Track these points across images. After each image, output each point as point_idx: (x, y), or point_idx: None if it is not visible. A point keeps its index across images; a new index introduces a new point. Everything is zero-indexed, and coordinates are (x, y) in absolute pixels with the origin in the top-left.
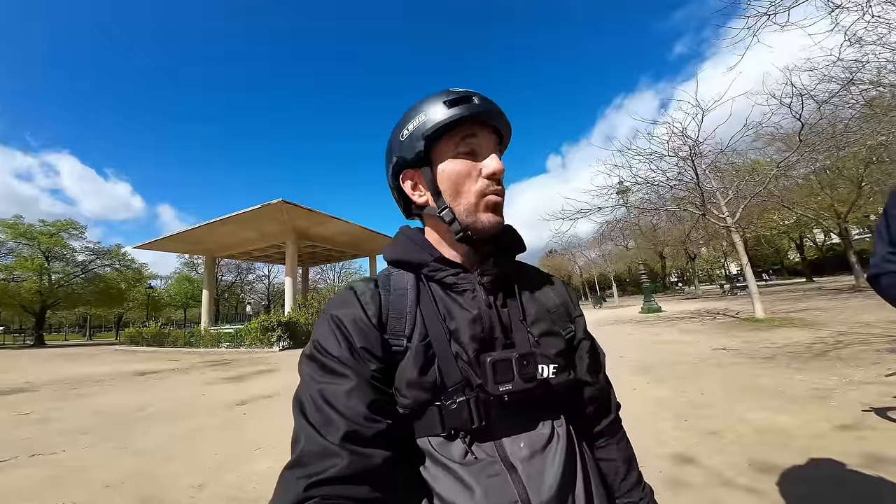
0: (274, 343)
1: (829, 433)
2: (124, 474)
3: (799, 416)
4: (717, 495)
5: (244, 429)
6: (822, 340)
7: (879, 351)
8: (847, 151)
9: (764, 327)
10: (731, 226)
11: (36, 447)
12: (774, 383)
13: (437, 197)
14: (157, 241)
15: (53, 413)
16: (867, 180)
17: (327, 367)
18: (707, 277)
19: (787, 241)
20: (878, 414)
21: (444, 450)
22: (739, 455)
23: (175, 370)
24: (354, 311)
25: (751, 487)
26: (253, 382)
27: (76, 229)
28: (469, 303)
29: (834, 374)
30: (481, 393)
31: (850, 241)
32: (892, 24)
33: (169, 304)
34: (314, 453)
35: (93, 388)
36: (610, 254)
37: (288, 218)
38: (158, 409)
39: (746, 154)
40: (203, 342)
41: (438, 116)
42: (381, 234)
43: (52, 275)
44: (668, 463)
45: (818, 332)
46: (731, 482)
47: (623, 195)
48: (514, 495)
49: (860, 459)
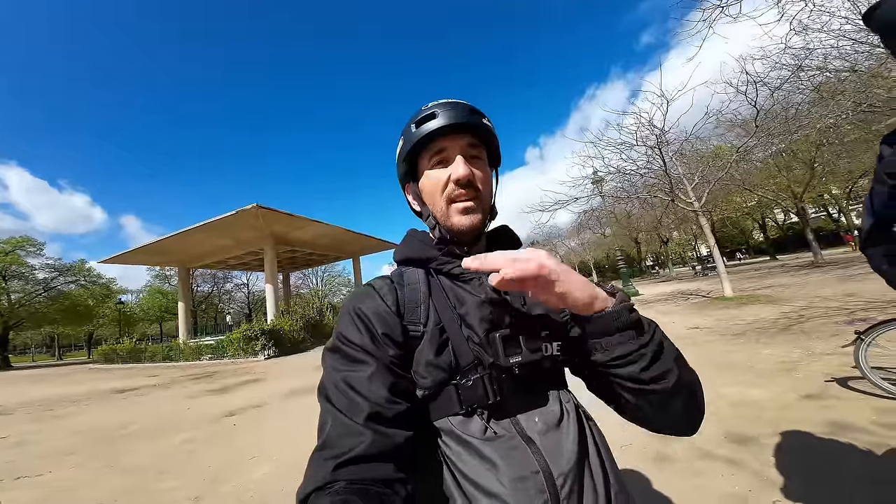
0: (259, 352)
1: (796, 404)
2: (116, 492)
3: (769, 388)
4: (699, 467)
5: (235, 439)
6: (785, 316)
7: (838, 323)
8: (800, 135)
9: (733, 305)
10: (697, 210)
11: (19, 470)
12: (745, 358)
13: (423, 206)
14: (124, 255)
15: (31, 435)
16: (819, 161)
17: (349, 356)
18: (680, 260)
19: (750, 222)
20: (840, 384)
21: (464, 427)
22: (717, 428)
23: (156, 386)
24: (375, 302)
25: (729, 458)
26: (239, 393)
27: (33, 246)
28: (476, 289)
29: (798, 347)
30: (493, 370)
31: (807, 219)
32: (833, 12)
33: (142, 318)
34: (341, 434)
35: (69, 409)
36: (588, 242)
37: (264, 223)
38: (142, 426)
39: (709, 141)
40: (183, 356)
41: (410, 138)
42: (363, 234)
43: (10, 294)
44: (651, 439)
45: (782, 308)
46: (710, 454)
47: (598, 185)
48: (536, 466)
49: (825, 427)
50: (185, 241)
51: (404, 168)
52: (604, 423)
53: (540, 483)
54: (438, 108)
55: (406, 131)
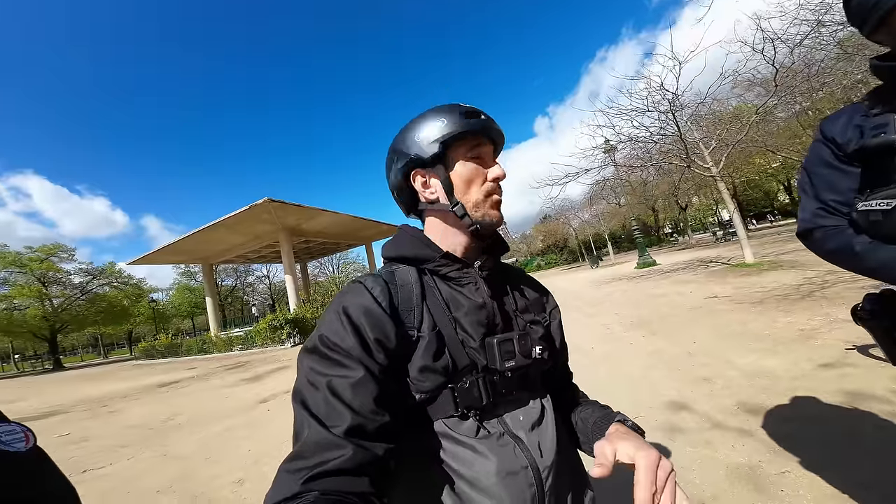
0: (285, 340)
1: (812, 373)
2: (170, 479)
3: (785, 357)
4: (710, 437)
5: (271, 424)
6: (809, 281)
7: (864, 288)
8: (824, 92)
9: (754, 272)
10: (715, 174)
11: (84, 464)
12: (762, 327)
13: (449, 194)
14: (150, 255)
15: (90, 431)
16: None
17: (334, 360)
18: (700, 226)
19: (775, 184)
20: (861, 352)
21: (459, 428)
22: (729, 399)
23: (194, 378)
24: (367, 303)
25: (740, 429)
26: (270, 380)
27: (65, 252)
28: (473, 294)
29: (819, 315)
30: (487, 374)
31: None
32: None
33: (175, 314)
34: (318, 445)
35: (120, 404)
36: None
37: (277, 216)
38: (188, 417)
39: (727, 102)
40: (216, 348)
41: (456, 124)
42: (373, 220)
43: (52, 300)
44: (663, 411)
45: (805, 273)
46: (721, 424)
47: (609, 154)
48: (525, 461)
49: (842, 397)
50: (204, 239)
51: (439, 150)
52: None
53: (529, 477)
54: (482, 112)
55: (449, 117)
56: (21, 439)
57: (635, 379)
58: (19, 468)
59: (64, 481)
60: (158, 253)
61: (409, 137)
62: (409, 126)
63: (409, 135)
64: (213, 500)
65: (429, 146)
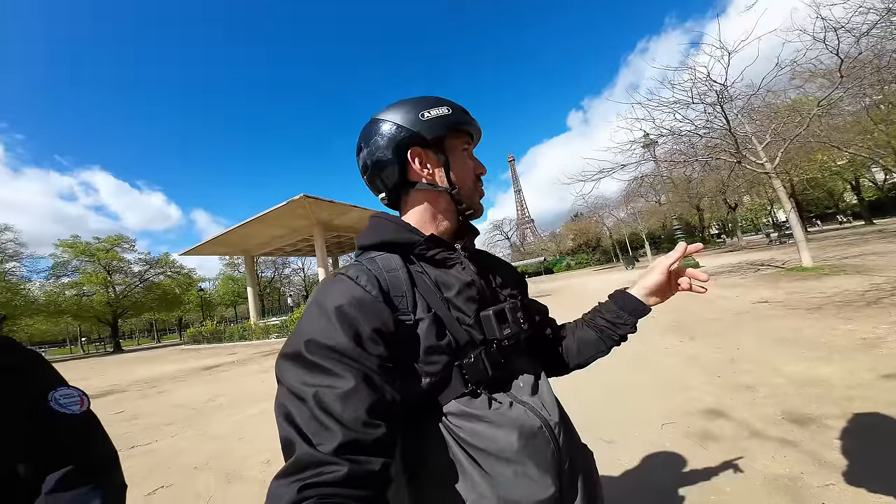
0: None
1: (874, 382)
2: (207, 457)
3: (842, 366)
4: (747, 446)
5: None
6: (877, 287)
7: None
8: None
9: (812, 276)
10: (770, 171)
11: (134, 440)
12: (817, 334)
13: (449, 179)
14: (199, 247)
15: (141, 410)
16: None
17: (321, 368)
18: (752, 227)
19: (841, 183)
20: None
21: (472, 406)
22: (773, 408)
23: (235, 363)
24: (357, 293)
25: (782, 438)
26: None
27: (127, 243)
28: (461, 272)
29: (885, 323)
30: (485, 346)
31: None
32: None
33: (219, 303)
34: (308, 464)
35: (169, 385)
36: (641, 211)
37: (311, 211)
38: (226, 399)
39: (785, 94)
40: (255, 335)
41: (460, 117)
42: None
43: (115, 287)
44: (697, 418)
45: (873, 279)
46: (761, 433)
47: (649, 148)
48: (538, 421)
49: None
50: (246, 232)
51: (444, 133)
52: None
53: (546, 435)
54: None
55: (452, 107)
56: (77, 402)
57: (668, 385)
58: (73, 430)
59: (109, 445)
60: (206, 245)
61: (413, 113)
62: (409, 103)
63: (414, 111)
64: (244, 479)
65: (436, 128)
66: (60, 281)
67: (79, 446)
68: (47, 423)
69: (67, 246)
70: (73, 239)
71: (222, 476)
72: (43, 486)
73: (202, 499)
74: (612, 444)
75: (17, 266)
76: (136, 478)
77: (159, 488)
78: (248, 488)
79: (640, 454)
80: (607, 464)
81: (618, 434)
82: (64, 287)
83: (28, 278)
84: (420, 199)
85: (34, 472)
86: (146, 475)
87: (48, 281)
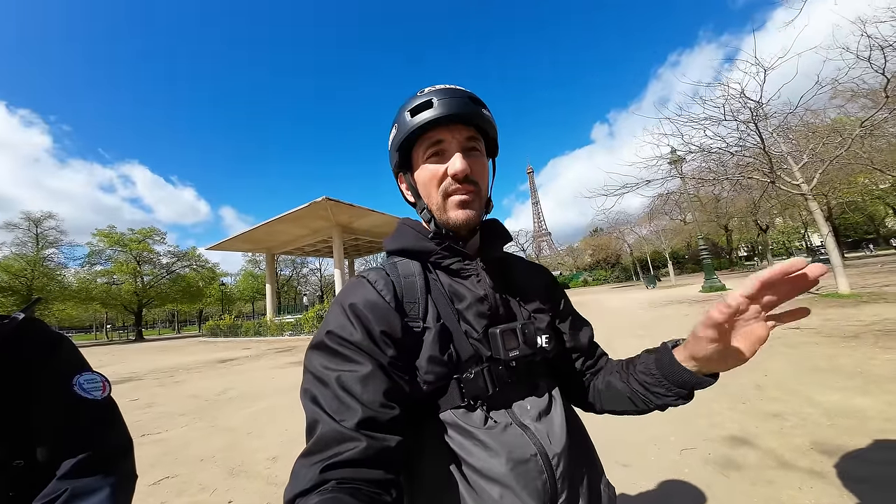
0: None
1: None
2: (215, 449)
3: (879, 397)
4: (773, 476)
5: None
6: None
7: None
8: None
9: (849, 303)
10: (806, 193)
11: (145, 429)
12: (854, 363)
13: (418, 198)
14: (224, 242)
15: (156, 398)
16: None
17: (342, 355)
18: (784, 250)
19: (882, 208)
20: None
21: (466, 419)
22: (802, 438)
23: (249, 357)
24: (372, 297)
25: (811, 469)
26: None
27: (158, 235)
28: (475, 285)
29: None
30: (491, 364)
31: None
32: None
33: (239, 298)
34: (331, 439)
35: (185, 376)
36: (664, 229)
37: (332, 213)
38: (238, 392)
39: (825, 113)
40: (269, 331)
41: (404, 128)
42: None
43: (143, 277)
44: (719, 445)
45: None
46: (788, 464)
47: (676, 165)
48: (533, 449)
49: None
50: (270, 230)
51: (397, 158)
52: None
53: (539, 465)
54: (435, 96)
55: (400, 119)
56: (99, 388)
57: (689, 408)
58: (94, 416)
59: (125, 432)
60: (231, 241)
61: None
62: None
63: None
64: (249, 474)
65: (392, 155)
66: (94, 269)
67: (97, 432)
68: (70, 407)
69: (104, 235)
70: (110, 229)
71: (227, 470)
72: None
73: (206, 491)
74: (628, 468)
75: (56, 252)
76: (144, 466)
77: (164, 478)
78: (251, 483)
79: (657, 479)
80: (621, 488)
81: (634, 457)
82: (96, 275)
83: (65, 265)
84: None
85: (51, 455)
86: (153, 464)
87: (82, 268)
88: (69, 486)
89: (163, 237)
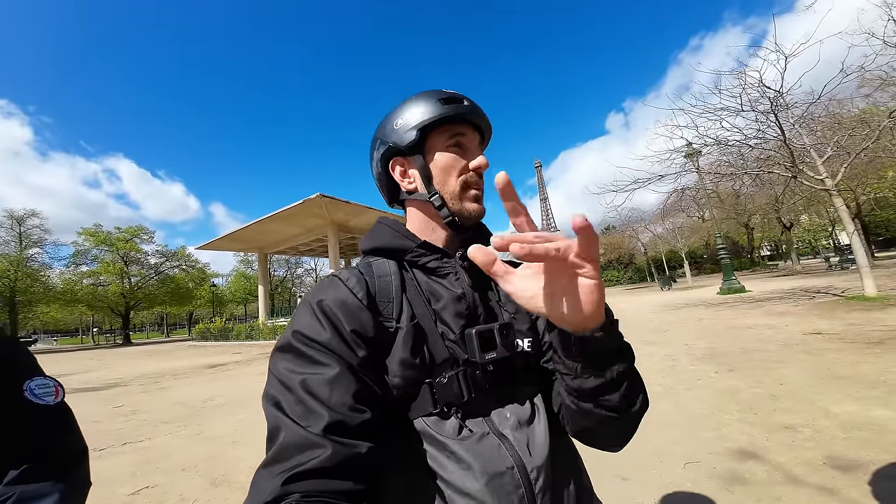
0: None
1: None
2: (198, 458)
3: None
4: (780, 493)
5: None
6: None
7: None
8: None
9: (875, 307)
10: (830, 188)
11: (127, 436)
12: (877, 372)
13: (427, 184)
14: (215, 242)
15: (141, 405)
16: None
17: (308, 357)
18: (809, 249)
19: None
20: None
21: (439, 428)
22: (815, 451)
23: (239, 362)
24: (343, 295)
25: (822, 485)
26: None
27: (146, 234)
28: (453, 284)
29: None
30: (468, 367)
31: None
32: None
33: (231, 300)
34: (294, 446)
35: (171, 382)
36: (681, 227)
37: (327, 211)
38: (226, 399)
39: (852, 103)
40: (262, 335)
41: (434, 111)
42: None
43: (131, 278)
44: (725, 458)
45: None
46: (798, 480)
47: (691, 158)
48: (510, 461)
49: None
50: (262, 229)
51: (415, 138)
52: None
53: (516, 478)
54: (464, 98)
55: (427, 102)
56: (51, 393)
57: (698, 419)
58: (45, 422)
59: (79, 439)
60: (222, 240)
61: (388, 125)
62: (390, 114)
63: (389, 122)
64: (232, 484)
65: (406, 134)
66: (79, 269)
67: (47, 438)
68: (20, 413)
69: (90, 234)
70: (96, 227)
71: (209, 480)
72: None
73: (186, 501)
74: (627, 482)
75: (40, 252)
76: (123, 475)
77: (144, 488)
78: (233, 494)
79: (658, 494)
80: (618, 502)
81: (634, 471)
82: (81, 275)
83: (49, 265)
84: (414, 207)
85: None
86: (134, 472)
87: (67, 269)
88: (16, 490)
89: (151, 236)
